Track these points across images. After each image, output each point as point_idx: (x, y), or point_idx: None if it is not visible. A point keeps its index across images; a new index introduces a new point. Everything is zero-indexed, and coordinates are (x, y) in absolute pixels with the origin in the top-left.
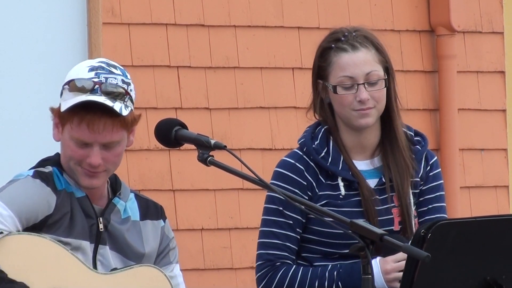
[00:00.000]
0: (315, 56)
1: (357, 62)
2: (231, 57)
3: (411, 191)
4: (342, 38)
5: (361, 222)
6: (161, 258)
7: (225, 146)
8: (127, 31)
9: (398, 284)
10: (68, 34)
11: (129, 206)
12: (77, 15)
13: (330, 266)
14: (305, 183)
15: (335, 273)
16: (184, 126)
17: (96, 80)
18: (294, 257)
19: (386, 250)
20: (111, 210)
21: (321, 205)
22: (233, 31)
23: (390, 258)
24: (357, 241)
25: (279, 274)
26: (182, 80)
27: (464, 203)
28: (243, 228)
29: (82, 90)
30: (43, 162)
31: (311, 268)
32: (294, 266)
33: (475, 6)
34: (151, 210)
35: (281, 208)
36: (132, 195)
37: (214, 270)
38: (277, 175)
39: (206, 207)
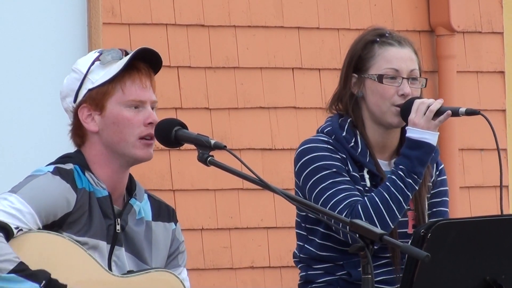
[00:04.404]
0: (353, 49)
1: (404, 57)
2: (231, 57)
3: (426, 196)
4: (387, 34)
5: (360, 222)
6: (170, 260)
7: (225, 146)
8: (127, 31)
9: (437, 105)
10: (68, 34)
11: (142, 207)
12: (77, 15)
13: (392, 173)
14: (339, 157)
15: (399, 171)
16: (184, 126)
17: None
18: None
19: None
20: (128, 211)
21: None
22: (233, 31)
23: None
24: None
25: (361, 211)
26: (182, 80)
27: (463, 203)
28: (243, 228)
29: (117, 56)
30: (63, 159)
31: (378, 188)
32: (366, 197)
33: (475, 6)
34: (163, 212)
35: (335, 170)
36: (145, 196)
37: (214, 270)
38: (309, 149)
39: (206, 207)
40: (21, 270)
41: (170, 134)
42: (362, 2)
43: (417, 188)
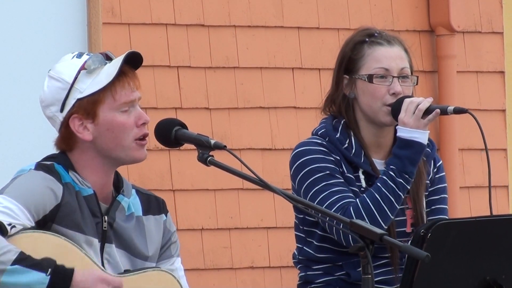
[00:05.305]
0: (343, 50)
1: (393, 55)
2: (231, 57)
3: (424, 194)
4: (376, 34)
5: (361, 222)
6: (163, 251)
7: (225, 146)
8: (127, 31)
9: (426, 104)
10: (68, 34)
11: (131, 202)
12: (77, 15)
13: (383, 173)
14: (333, 159)
15: (390, 171)
16: (184, 126)
17: (102, 53)
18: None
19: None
20: (115, 208)
21: None
22: (233, 31)
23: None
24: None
25: (353, 213)
26: (182, 80)
27: (463, 203)
28: (243, 228)
29: (101, 62)
30: (46, 159)
31: (370, 189)
32: (357, 199)
33: (475, 6)
34: (153, 205)
35: (328, 172)
36: (133, 191)
37: (214, 270)
38: (302, 152)
39: (206, 207)
40: (24, 259)
41: (170, 134)
42: (362, 2)
43: (408, 187)
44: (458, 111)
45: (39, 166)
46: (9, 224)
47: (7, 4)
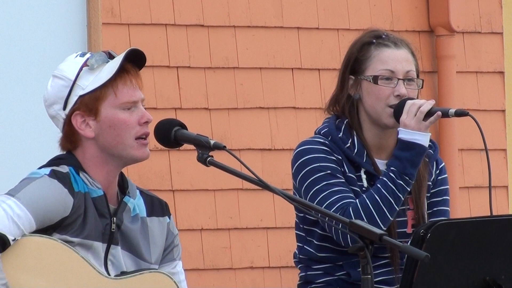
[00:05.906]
0: (350, 51)
1: (399, 58)
2: (231, 57)
3: (426, 196)
4: (383, 36)
5: (360, 222)
6: (165, 254)
7: (225, 146)
8: (127, 31)
9: (428, 106)
10: (68, 34)
11: (136, 203)
12: (77, 15)
13: (383, 174)
14: (335, 159)
15: (390, 173)
16: (183, 126)
17: (104, 51)
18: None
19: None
20: (123, 209)
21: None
22: (233, 31)
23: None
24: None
25: (352, 214)
26: (182, 80)
27: (463, 203)
28: (243, 228)
29: (103, 59)
30: (56, 161)
31: (370, 190)
32: (357, 200)
33: (475, 6)
34: (156, 207)
35: (329, 172)
36: (137, 192)
37: (213, 270)
38: (304, 151)
39: (205, 207)
40: None
41: (169, 134)
42: (361, 2)
43: (409, 189)
44: (460, 114)
45: (54, 174)
46: (13, 240)
47: (7, 4)
